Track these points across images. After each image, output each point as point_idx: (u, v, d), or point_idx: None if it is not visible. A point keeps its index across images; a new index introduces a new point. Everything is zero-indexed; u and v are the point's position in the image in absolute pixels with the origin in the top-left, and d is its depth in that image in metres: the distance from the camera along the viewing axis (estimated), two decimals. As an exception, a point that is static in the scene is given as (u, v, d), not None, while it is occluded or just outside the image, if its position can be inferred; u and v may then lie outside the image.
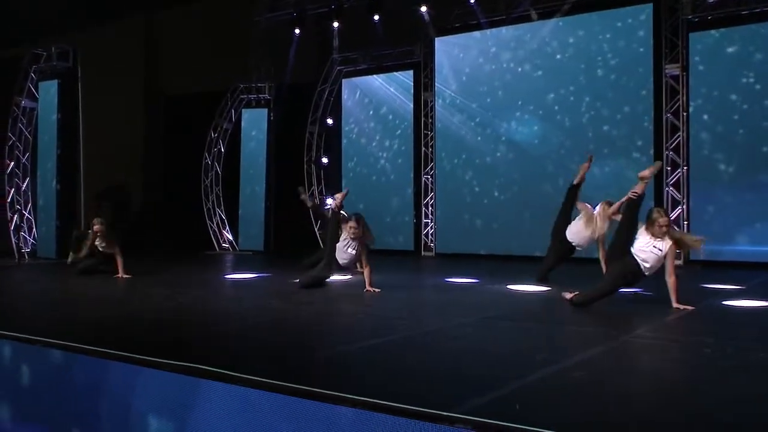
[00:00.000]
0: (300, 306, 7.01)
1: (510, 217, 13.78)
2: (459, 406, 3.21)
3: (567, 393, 3.56)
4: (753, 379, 3.86)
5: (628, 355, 4.53)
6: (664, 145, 12.37)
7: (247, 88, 16.71)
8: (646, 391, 3.61)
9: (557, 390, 3.63)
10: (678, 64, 12.22)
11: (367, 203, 15.72)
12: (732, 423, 3.07)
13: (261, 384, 3.69)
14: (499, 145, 14.00)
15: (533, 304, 7.22)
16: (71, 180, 13.51)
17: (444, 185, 14.74)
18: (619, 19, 12.71)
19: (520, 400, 3.40)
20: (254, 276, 10.29)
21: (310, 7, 15.57)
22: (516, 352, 4.63)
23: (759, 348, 4.64)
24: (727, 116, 11.77)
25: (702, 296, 7.49)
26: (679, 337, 5.18)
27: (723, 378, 3.89)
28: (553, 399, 3.46)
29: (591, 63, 12.97)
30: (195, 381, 3.94)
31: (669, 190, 12.36)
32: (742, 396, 3.49)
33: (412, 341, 4.98)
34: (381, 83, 15.79)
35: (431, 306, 7.07)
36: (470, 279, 9.66)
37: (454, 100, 14.57)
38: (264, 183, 16.43)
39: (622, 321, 5.97)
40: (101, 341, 4.69)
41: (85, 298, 7.74)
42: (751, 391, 3.58)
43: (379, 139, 15.84)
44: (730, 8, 11.80)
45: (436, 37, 14.78)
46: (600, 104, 12.89)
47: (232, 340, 5.25)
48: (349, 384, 3.62)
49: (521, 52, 13.74)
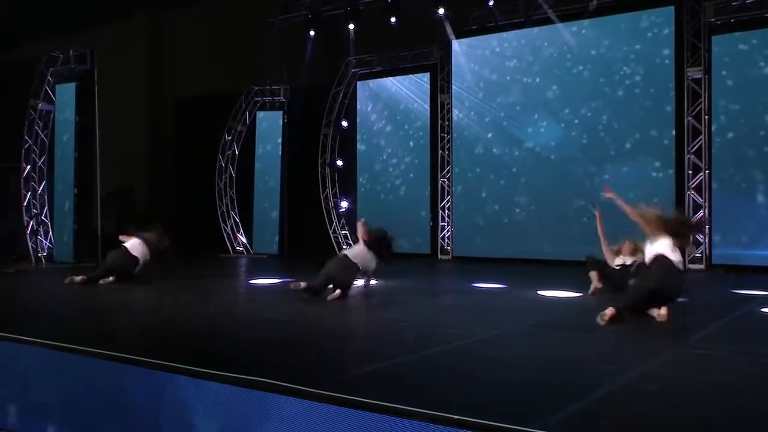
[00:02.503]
0: (338, 313, 6.95)
1: (527, 221, 13.74)
2: (542, 419, 3.15)
3: (645, 406, 3.50)
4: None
5: (690, 367, 4.47)
6: (686, 149, 12.33)
7: (261, 91, 16.65)
8: (722, 405, 3.56)
9: (635, 403, 3.57)
10: (700, 67, 12.19)
11: (382, 207, 15.71)
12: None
13: (323, 397, 3.62)
14: (517, 148, 13.95)
15: (571, 312, 7.16)
16: (89, 183, 13.45)
17: (461, 188, 14.69)
18: (641, 21, 12.66)
19: (600, 413, 3.35)
20: (278, 281, 10.22)
21: (324, 8, 15.53)
22: (576, 362, 4.57)
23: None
24: (751, 120, 11.73)
25: (736, 303, 7.44)
26: (732, 348, 5.12)
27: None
28: (635, 412, 3.41)
29: (612, 66, 12.92)
30: (259, 395, 3.87)
31: (691, 194, 12.31)
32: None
33: (468, 352, 4.91)
34: (397, 85, 15.74)
35: (470, 312, 6.97)
36: (497, 284, 9.60)
37: (472, 103, 14.52)
38: (278, 186, 16.36)
39: (666, 330, 5.91)
40: (153, 351, 4.63)
41: (121, 307, 7.66)
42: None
43: (395, 142, 15.79)
44: (754, 11, 11.77)
45: (453, 39, 14.73)
46: (622, 108, 12.83)
47: (282, 350, 5.18)
48: (415, 397, 3.55)
49: (541, 55, 13.70)
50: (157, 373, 4.33)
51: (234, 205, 16.99)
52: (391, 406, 3.42)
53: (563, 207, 13.18)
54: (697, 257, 12.14)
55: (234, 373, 4.03)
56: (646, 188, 11.92)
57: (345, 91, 16.46)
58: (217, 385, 4.03)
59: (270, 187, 16.42)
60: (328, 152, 16.71)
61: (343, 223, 16.75)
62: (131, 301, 8.09)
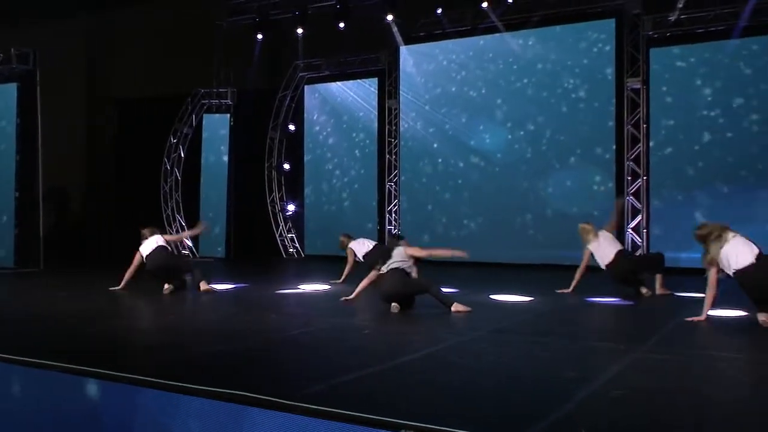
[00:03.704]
0: (301, 322, 7.05)
1: (474, 224, 14.06)
2: (526, 428, 3.33)
3: (619, 413, 3.71)
4: None
5: (651, 372, 4.72)
6: (625, 156, 12.85)
7: (208, 93, 16.52)
8: (691, 408, 3.82)
9: (609, 410, 3.78)
10: (639, 78, 12.72)
11: (329, 211, 15.82)
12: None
13: (298, 409, 3.68)
14: (464, 152, 14.26)
15: (526, 316, 7.42)
16: (31, 186, 13.11)
17: (408, 193, 14.90)
18: (585, 34, 13.13)
19: (581, 421, 3.55)
20: (232, 287, 10.21)
21: (273, 12, 15.52)
22: (542, 368, 4.77)
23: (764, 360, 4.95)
24: (686, 128, 12.31)
25: (681, 305, 7.81)
26: (684, 351, 5.44)
27: (754, 392, 4.16)
28: (611, 420, 3.61)
29: (556, 80, 13.36)
30: (234, 407, 3.86)
31: (629, 199, 12.84)
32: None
33: (439, 360, 5.05)
34: (345, 90, 15.86)
35: (433, 319, 7.13)
36: (449, 288, 9.79)
37: (419, 113, 14.76)
38: (225, 189, 16.27)
39: (617, 335, 6.23)
40: (112, 363, 4.63)
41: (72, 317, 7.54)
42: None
43: (343, 145, 15.91)
44: (687, 27, 12.37)
45: (402, 45, 14.94)
46: (565, 115, 13.28)
47: (247, 362, 5.19)
48: (393, 407, 3.67)
49: (488, 67, 14.04)
50: (126, 386, 4.30)
51: (180, 208, 16.81)
52: (373, 418, 3.49)
53: (510, 210, 13.57)
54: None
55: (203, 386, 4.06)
56: (588, 201, 12.41)
57: (292, 95, 16.50)
58: (189, 398, 4.03)
59: (216, 191, 16.31)
60: (275, 156, 16.72)
61: (290, 226, 16.78)
62: (84, 309, 7.94)
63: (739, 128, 11.89)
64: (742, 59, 11.87)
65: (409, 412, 3.58)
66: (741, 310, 7.25)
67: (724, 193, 11.91)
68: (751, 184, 11.72)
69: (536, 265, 12.98)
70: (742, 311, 7.20)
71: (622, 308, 8.04)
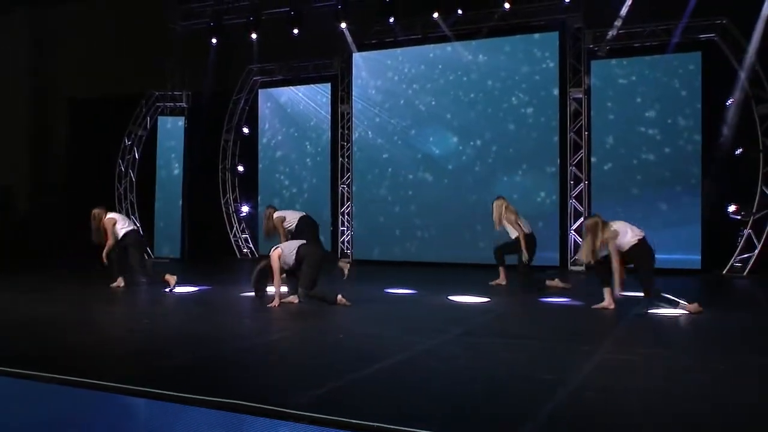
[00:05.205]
0: (276, 326, 7.41)
1: (425, 225, 14.62)
2: (522, 428, 3.75)
3: (601, 414, 4.08)
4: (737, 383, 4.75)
5: (619, 372, 5.15)
6: (569, 161, 13.61)
7: (163, 96, 16.61)
8: (666, 406, 4.22)
9: (591, 412, 4.13)
10: (581, 88, 13.48)
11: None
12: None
13: (286, 415, 3.90)
14: (415, 157, 14.78)
15: (488, 318, 7.88)
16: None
17: (361, 195, 15.36)
18: (531, 44, 13.81)
19: (572, 421, 3.95)
20: (197, 289, 10.45)
21: (227, 17, 15.71)
22: (516, 371, 5.12)
23: (716, 358, 5.61)
24: (625, 136, 13.13)
25: (625, 306, 8.36)
26: (644, 350, 5.99)
27: (714, 388, 4.72)
28: (594, 423, 3.94)
29: (504, 83, 14.00)
30: (226, 415, 4.05)
31: (572, 202, 13.60)
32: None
33: (417, 364, 5.40)
34: (298, 95, 16.18)
35: (400, 323, 7.34)
36: (407, 290, 10.26)
37: (370, 123, 15.22)
38: (180, 191, 16.43)
39: (579, 334, 6.78)
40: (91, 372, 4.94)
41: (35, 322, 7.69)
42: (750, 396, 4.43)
43: (296, 149, 16.23)
44: (625, 41, 13.20)
45: (355, 52, 15.35)
46: (512, 123, 13.95)
47: (232, 367, 5.45)
48: (381, 412, 3.94)
49: (438, 71, 14.58)
50: (115, 396, 4.47)
51: (134, 209, 16.86)
52: (368, 424, 3.73)
53: (460, 214, 14.15)
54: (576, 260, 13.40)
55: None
56: (533, 214, 13.02)
57: (246, 98, 16.72)
58: (176, 406, 4.24)
59: (171, 192, 16.45)
60: (229, 158, 16.94)
61: (244, 227, 17.03)
62: (53, 314, 8.08)
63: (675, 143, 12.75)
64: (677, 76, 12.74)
65: (400, 416, 3.89)
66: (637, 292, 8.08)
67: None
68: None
69: (484, 265, 13.49)
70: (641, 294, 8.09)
71: (574, 308, 8.58)
